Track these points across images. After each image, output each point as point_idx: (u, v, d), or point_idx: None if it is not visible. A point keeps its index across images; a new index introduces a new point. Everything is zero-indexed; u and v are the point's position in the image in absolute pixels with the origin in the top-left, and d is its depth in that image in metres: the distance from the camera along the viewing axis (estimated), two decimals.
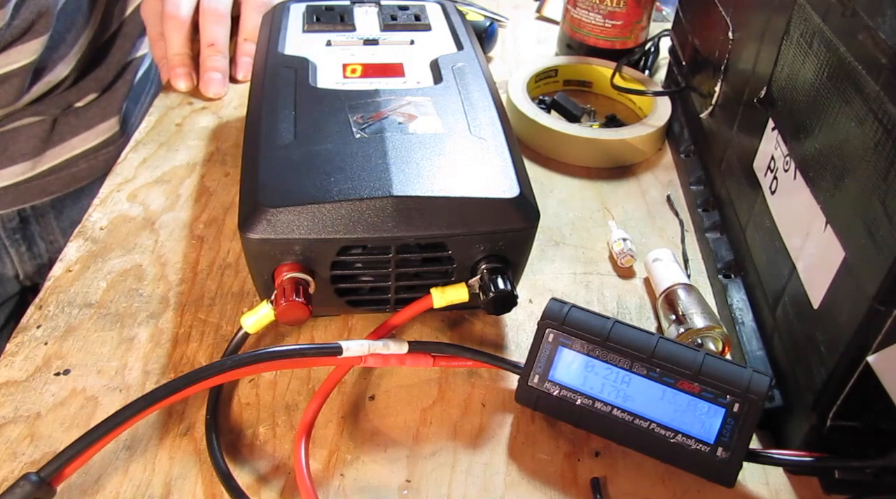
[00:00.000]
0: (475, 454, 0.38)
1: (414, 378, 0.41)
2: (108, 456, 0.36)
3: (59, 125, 0.71)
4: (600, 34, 0.68)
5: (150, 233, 0.49)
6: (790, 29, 0.40)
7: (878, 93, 0.30)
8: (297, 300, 0.37)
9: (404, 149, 0.41)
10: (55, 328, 0.43)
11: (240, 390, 0.40)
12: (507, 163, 0.41)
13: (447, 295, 0.40)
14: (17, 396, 0.39)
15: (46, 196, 0.73)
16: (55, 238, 0.76)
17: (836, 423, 0.34)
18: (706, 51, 0.55)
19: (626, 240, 0.49)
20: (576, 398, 0.37)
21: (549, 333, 0.38)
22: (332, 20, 0.55)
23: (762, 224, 0.42)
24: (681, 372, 0.36)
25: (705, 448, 0.35)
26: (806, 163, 0.37)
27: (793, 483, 0.37)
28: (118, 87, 0.75)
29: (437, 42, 0.53)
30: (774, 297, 0.40)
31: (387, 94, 0.46)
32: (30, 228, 0.74)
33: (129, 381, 0.40)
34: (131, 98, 0.77)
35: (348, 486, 0.36)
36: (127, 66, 0.76)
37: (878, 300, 0.30)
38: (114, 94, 0.75)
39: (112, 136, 0.75)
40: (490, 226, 0.39)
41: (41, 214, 0.74)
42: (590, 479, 0.37)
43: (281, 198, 0.38)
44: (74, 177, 0.74)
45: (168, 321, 0.43)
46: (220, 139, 0.59)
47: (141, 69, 0.79)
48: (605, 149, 0.58)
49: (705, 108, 0.54)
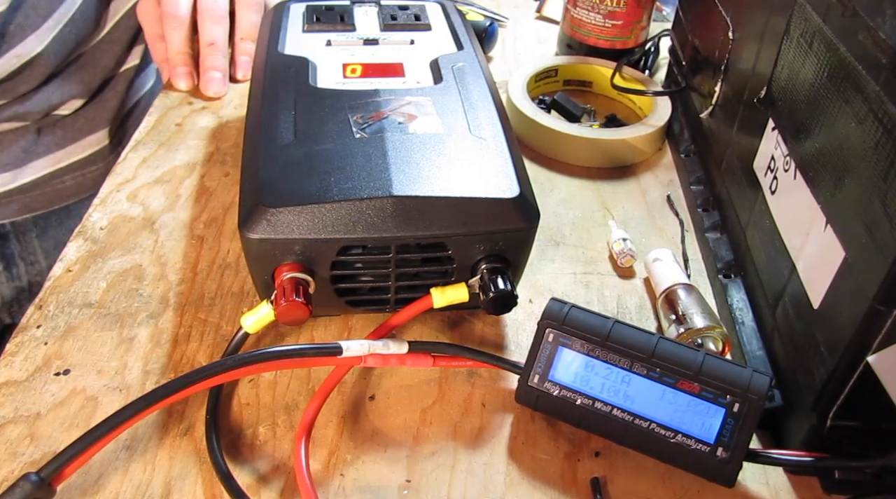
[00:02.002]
0: (475, 454, 0.38)
1: (414, 378, 0.41)
2: (108, 456, 0.36)
3: (43, 135, 0.68)
4: (600, 34, 0.68)
5: (150, 233, 0.49)
6: (790, 29, 0.40)
7: (878, 93, 0.30)
8: (297, 300, 0.37)
9: (404, 149, 0.41)
10: (55, 328, 0.43)
11: (240, 390, 0.40)
12: (507, 163, 0.41)
13: (447, 295, 0.40)
14: (17, 396, 0.39)
15: (28, 212, 0.69)
16: (37, 259, 0.71)
17: (836, 423, 0.34)
18: (706, 51, 0.55)
19: (626, 240, 0.49)
20: (576, 398, 0.37)
21: (549, 333, 0.38)
22: (332, 20, 0.55)
23: (762, 224, 0.42)
24: (681, 372, 0.35)
25: (705, 448, 0.35)
26: (806, 163, 0.37)
27: (793, 483, 0.37)
28: (107, 98, 0.72)
29: (437, 42, 0.53)
30: (774, 297, 0.40)
31: (387, 94, 0.46)
32: (9, 247, 0.70)
33: (129, 381, 0.40)
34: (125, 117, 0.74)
35: (348, 486, 0.36)
36: (117, 76, 0.73)
37: (878, 300, 0.30)
38: (102, 104, 0.72)
39: (101, 151, 0.72)
40: (490, 226, 0.39)
41: (22, 231, 0.70)
42: (590, 479, 0.37)
43: (281, 198, 0.38)
44: (59, 194, 0.70)
45: (168, 321, 0.43)
46: (220, 139, 0.59)
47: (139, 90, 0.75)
48: (605, 149, 0.58)
49: (705, 108, 0.54)
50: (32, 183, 0.68)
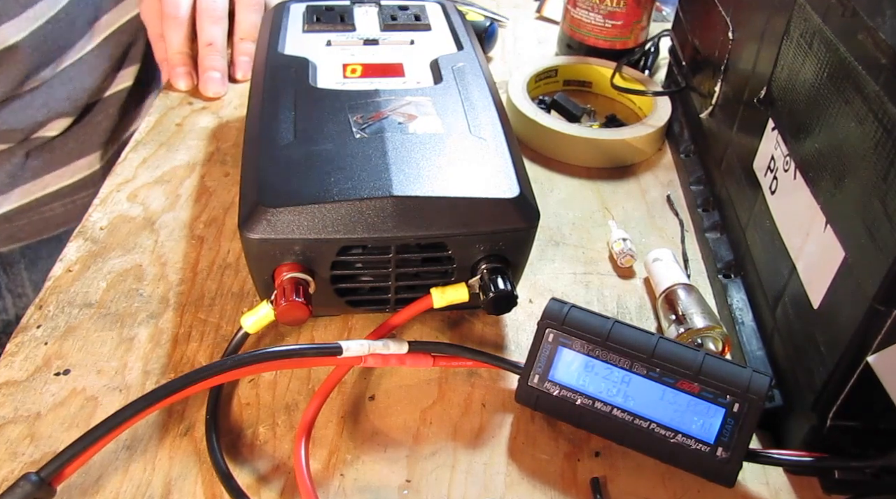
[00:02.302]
0: (475, 454, 0.38)
1: (414, 378, 0.41)
2: (108, 456, 0.36)
3: (31, 159, 0.65)
4: (600, 34, 0.68)
5: (150, 233, 0.49)
6: (790, 29, 0.40)
7: (878, 93, 0.30)
8: (297, 300, 0.37)
9: (404, 149, 0.41)
10: (55, 328, 0.43)
11: (240, 390, 0.40)
12: (507, 163, 0.41)
13: (447, 295, 0.40)
14: (17, 396, 0.39)
15: (15, 242, 0.66)
16: (24, 292, 0.68)
17: (836, 423, 0.34)
18: (706, 51, 0.55)
19: (626, 240, 0.49)
20: (576, 398, 0.37)
21: (549, 333, 0.38)
22: (332, 20, 0.55)
23: (762, 224, 0.42)
24: (681, 372, 0.35)
25: (705, 448, 0.35)
26: (806, 163, 0.37)
27: (793, 483, 0.37)
28: (98, 120, 0.69)
29: (437, 42, 0.53)
30: (774, 297, 0.40)
31: (387, 95, 0.46)
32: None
33: (129, 381, 0.40)
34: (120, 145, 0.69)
35: (348, 486, 0.36)
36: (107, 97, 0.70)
37: (878, 300, 0.30)
38: (92, 126, 0.68)
39: (91, 176, 0.69)
40: (490, 226, 0.39)
41: (9, 262, 0.67)
42: (590, 479, 0.37)
43: (281, 198, 0.38)
44: (48, 222, 0.67)
45: (168, 321, 0.43)
46: (220, 139, 0.59)
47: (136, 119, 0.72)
48: (605, 149, 0.58)
49: (705, 108, 0.54)
50: (19, 209, 0.65)
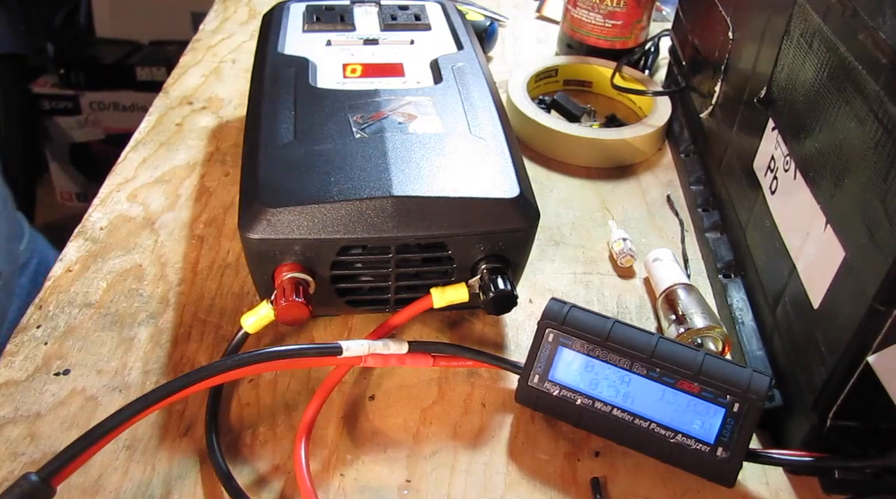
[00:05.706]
0: (475, 454, 0.38)
1: (414, 378, 0.41)
2: (108, 456, 0.36)
3: None
4: (600, 34, 0.68)
5: (150, 233, 0.49)
6: (790, 29, 0.40)
7: (878, 93, 0.30)
8: (297, 300, 0.37)
9: (404, 149, 0.41)
10: (55, 328, 0.42)
11: (240, 390, 0.40)
12: (507, 163, 0.41)
13: (447, 295, 0.40)
14: (17, 396, 0.39)
15: None
16: None
17: (836, 423, 0.34)
18: (706, 51, 0.55)
19: (626, 240, 0.49)
20: (576, 398, 0.37)
21: (549, 333, 0.38)
22: (332, 20, 0.55)
23: (762, 224, 0.42)
24: (681, 372, 0.35)
25: (705, 448, 0.35)
26: (806, 163, 0.37)
27: (793, 483, 0.37)
28: None
29: (437, 42, 0.53)
30: (774, 297, 0.40)
31: (387, 94, 0.46)
32: None
33: (129, 381, 0.40)
34: None
35: (348, 486, 0.36)
36: None
37: (878, 300, 0.30)
38: None
39: None
40: (490, 226, 0.39)
41: None
42: (590, 479, 0.37)
43: (281, 198, 0.38)
44: None
45: (168, 321, 0.43)
46: (220, 139, 0.59)
47: None
48: (605, 149, 0.58)
49: (705, 108, 0.54)
50: None
